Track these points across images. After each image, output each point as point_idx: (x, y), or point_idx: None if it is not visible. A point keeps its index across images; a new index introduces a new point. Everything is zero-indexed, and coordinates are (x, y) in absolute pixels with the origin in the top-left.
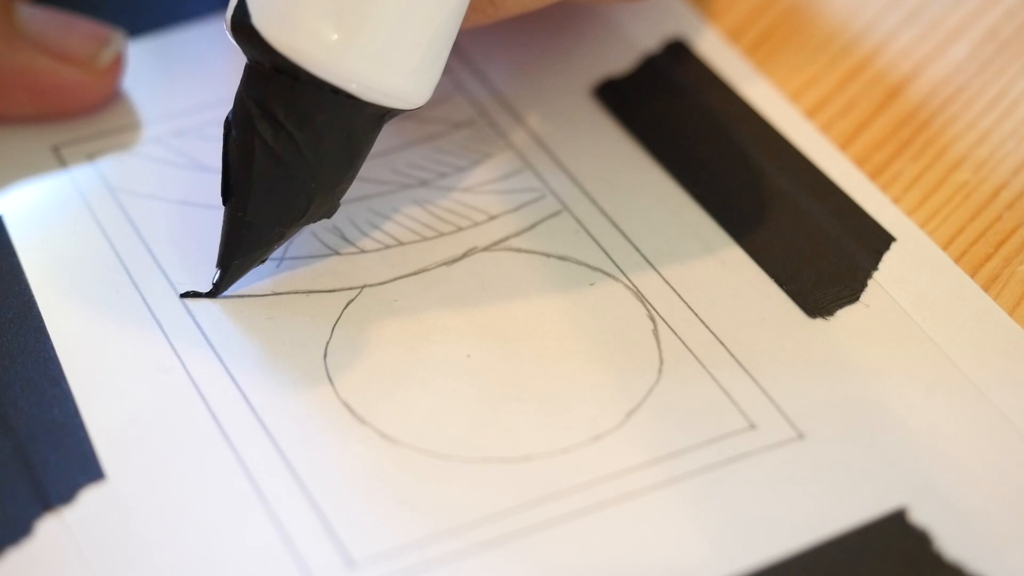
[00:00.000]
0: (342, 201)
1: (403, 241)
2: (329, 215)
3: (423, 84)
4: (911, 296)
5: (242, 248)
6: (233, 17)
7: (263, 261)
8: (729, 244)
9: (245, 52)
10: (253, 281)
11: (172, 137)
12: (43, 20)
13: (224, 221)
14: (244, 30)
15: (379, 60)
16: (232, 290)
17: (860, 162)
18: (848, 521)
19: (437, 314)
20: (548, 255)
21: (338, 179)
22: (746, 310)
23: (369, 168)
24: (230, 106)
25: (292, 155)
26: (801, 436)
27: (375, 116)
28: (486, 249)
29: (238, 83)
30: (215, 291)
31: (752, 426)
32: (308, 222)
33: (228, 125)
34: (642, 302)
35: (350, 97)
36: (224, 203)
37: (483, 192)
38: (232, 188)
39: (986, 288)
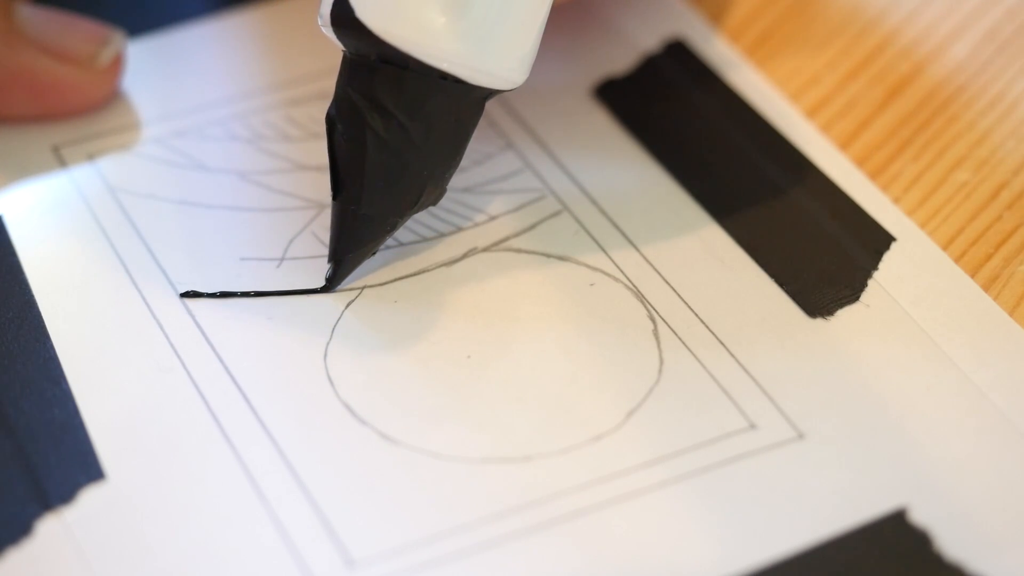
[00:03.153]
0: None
1: (403, 241)
2: (436, 202)
3: (524, 63)
4: (911, 296)
5: (356, 241)
6: (333, 12)
7: (374, 253)
8: (729, 244)
9: (348, 46)
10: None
11: (172, 137)
12: (43, 20)
13: (334, 215)
14: (347, 23)
15: (484, 42)
16: (236, 289)
17: (860, 162)
18: (848, 521)
19: (437, 315)
20: (548, 255)
21: (448, 165)
22: (746, 310)
23: None
24: (230, 106)
25: (404, 144)
26: (801, 436)
27: (480, 99)
28: (486, 250)
29: (240, 83)
30: (329, 286)
31: (752, 426)
32: (419, 210)
33: (331, 120)
34: (642, 302)
35: (458, 81)
36: (334, 198)
37: (483, 192)
38: (343, 182)
39: (986, 288)
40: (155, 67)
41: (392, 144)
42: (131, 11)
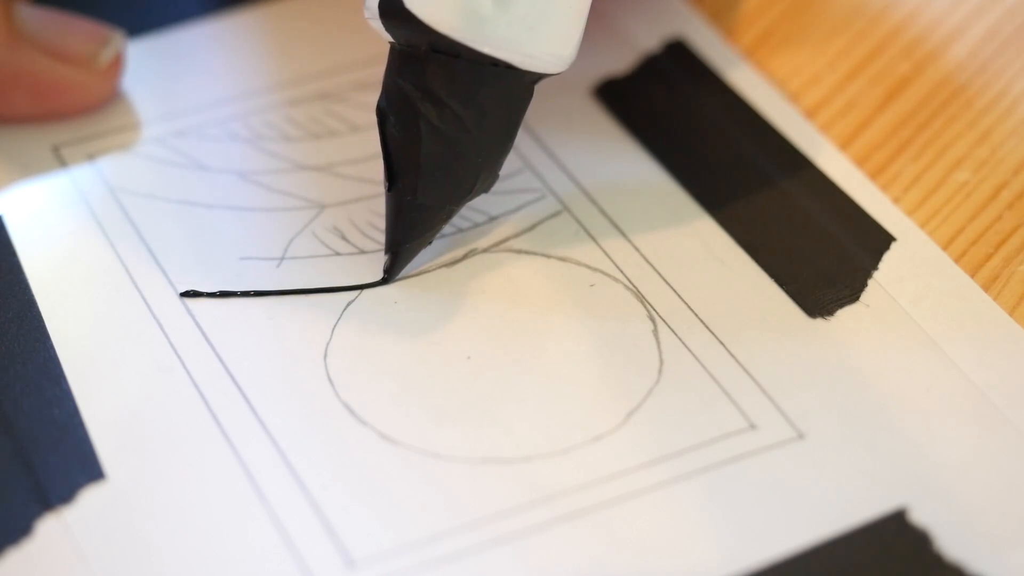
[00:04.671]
0: (345, 203)
1: None
2: (489, 188)
3: (572, 44)
4: (911, 296)
5: (413, 231)
6: (382, 4)
7: (430, 242)
8: (729, 244)
9: (397, 37)
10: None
11: (172, 137)
12: (43, 20)
13: (389, 206)
14: (397, 15)
15: (533, 26)
16: (236, 289)
17: (860, 162)
18: (848, 521)
19: (437, 315)
20: (548, 256)
21: (501, 150)
22: (746, 310)
23: (370, 169)
24: (230, 106)
25: (459, 133)
26: (801, 436)
27: (530, 83)
28: (486, 250)
29: (240, 83)
30: (387, 278)
31: (752, 426)
32: (474, 197)
33: (382, 112)
34: (642, 302)
35: (509, 67)
36: (389, 189)
37: None
38: (397, 173)
39: (986, 288)
40: (155, 67)
41: (446, 133)
42: (131, 11)
